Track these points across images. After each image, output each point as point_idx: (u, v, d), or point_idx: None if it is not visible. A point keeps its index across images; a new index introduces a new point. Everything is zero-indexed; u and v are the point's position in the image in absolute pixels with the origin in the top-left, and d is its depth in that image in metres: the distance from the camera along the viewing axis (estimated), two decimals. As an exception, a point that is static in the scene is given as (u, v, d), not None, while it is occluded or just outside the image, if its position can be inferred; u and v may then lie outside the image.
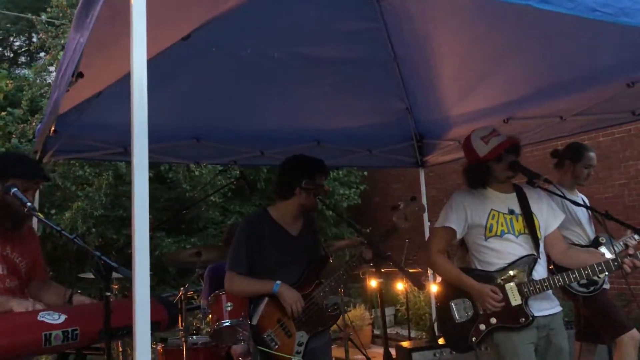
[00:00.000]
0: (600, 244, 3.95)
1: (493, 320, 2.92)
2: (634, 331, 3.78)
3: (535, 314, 2.91)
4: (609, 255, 3.86)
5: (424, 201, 5.61)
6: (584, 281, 3.64)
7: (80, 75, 2.31)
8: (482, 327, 2.96)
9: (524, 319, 2.88)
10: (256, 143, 4.79)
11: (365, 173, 10.86)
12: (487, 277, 2.99)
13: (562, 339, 2.98)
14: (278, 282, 2.98)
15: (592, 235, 4.01)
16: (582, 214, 3.99)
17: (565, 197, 3.17)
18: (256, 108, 4.17)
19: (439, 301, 3.21)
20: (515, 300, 2.90)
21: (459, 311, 3.04)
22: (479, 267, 3.06)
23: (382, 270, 2.58)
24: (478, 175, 3.08)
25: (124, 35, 2.22)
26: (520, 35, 3.37)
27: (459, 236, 3.08)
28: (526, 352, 2.86)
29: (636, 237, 3.82)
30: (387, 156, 5.42)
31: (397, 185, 11.00)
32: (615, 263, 2.79)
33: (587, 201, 4.20)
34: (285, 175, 3.20)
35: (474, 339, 2.96)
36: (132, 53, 1.52)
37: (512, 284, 2.93)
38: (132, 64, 1.52)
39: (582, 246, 3.94)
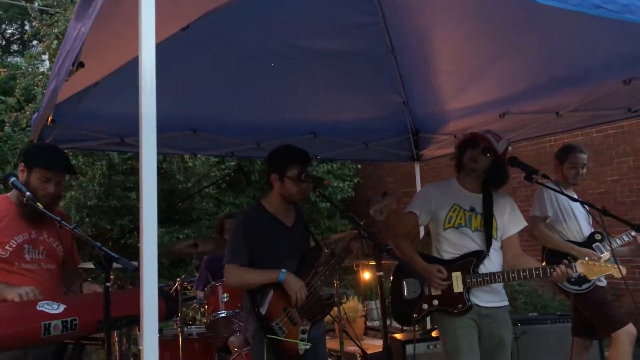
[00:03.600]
0: (595, 241, 3.98)
1: (435, 302, 3.22)
2: (630, 326, 3.80)
3: (479, 304, 3.15)
4: (603, 252, 3.91)
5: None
6: (574, 278, 3.69)
7: (81, 64, 2.30)
8: (425, 306, 3.26)
9: (461, 306, 3.13)
10: (252, 135, 4.78)
11: (359, 166, 10.87)
12: (442, 265, 3.24)
13: (504, 330, 3.20)
14: (283, 270, 3.01)
15: (587, 232, 4.04)
16: (579, 211, 4.03)
17: (562, 193, 3.23)
18: (253, 100, 4.16)
19: (394, 276, 3.45)
20: (458, 288, 3.16)
21: (409, 289, 3.33)
22: (436, 255, 3.32)
23: (383, 263, 2.60)
24: (459, 150, 3.34)
25: (123, 26, 2.22)
26: (518, 31, 3.37)
27: (420, 222, 3.36)
28: (464, 334, 3.10)
29: (632, 233, 3.84)
30: (383, 149, 5.42)
31: (391, 179, 11.03)
32: (551, 270, 2.98)
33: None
34: (267, 165, 3.28)
35: (415, 315, 3.28)
36: (141, 42, 1.52)
37: (458, 273, 3.18)
38: (141, 52, 1.52)
39: (576, 243, 3.98)
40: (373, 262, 2.86)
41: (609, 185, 7.51)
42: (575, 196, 4.14)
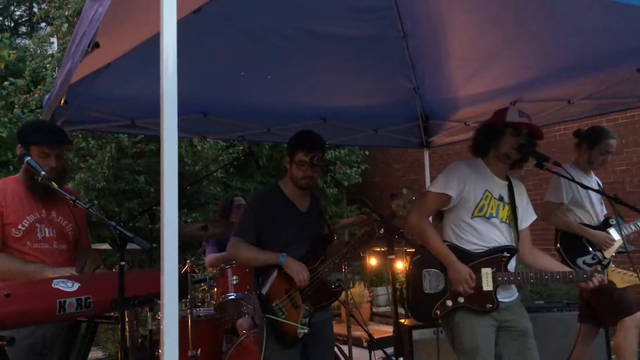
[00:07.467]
0: (610, 226, 3.98)
1: (461, 300, 2.93)
2: (638, 314, 3.79)
3: (500, 300, 2.95)
4: (616, 237, 3.90)
5: (427, 182, 5.64)
6: (589, 261, 3.69)
7: (97, 45, 2.31)
8: (449, 303, 2.96)
9: (490, 305, 2.91)
10: (263, 119, 4.79)
11: (367, 152, 10.86)
12: (467, 256, 2.98)
13: (525, 320, 3.03)
14: (283, 254, 3.03)
15: (601, 216, 4.04)
16: (595, 195, 4.00)
17: (574, 180, 3.20)
18: (264, 84, 4.16)
19: (411, 265, 3.16)
20: (488, 286, 2.92)
21: (430, 282, 3.02)
22: (455, 243, 3.03)
23: (395, 248, 2.60)
24: (489, 135, 3.06)
25: (139, 6, 2.21)
26: (531, 18, 3.35)
27: (451, 204, 3.02)
28: (484, 334, 2.90)
29: None
30: (392, 136, 5.43)
31: (398, 166, 11.02)
32: (585, 276, 2.85)
33: (600, 183, 4.24)
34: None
35: (438, 312, 2.97)
36: (162, 21, 1.54)
37: (488, 269, 2.93)
38: (162, 31, 1.53)
39: (591, 227, 3.99)
40: (383, 249, 2.84)
41: (618, 175, 7.47)
42: (594, 178, 4.15)
